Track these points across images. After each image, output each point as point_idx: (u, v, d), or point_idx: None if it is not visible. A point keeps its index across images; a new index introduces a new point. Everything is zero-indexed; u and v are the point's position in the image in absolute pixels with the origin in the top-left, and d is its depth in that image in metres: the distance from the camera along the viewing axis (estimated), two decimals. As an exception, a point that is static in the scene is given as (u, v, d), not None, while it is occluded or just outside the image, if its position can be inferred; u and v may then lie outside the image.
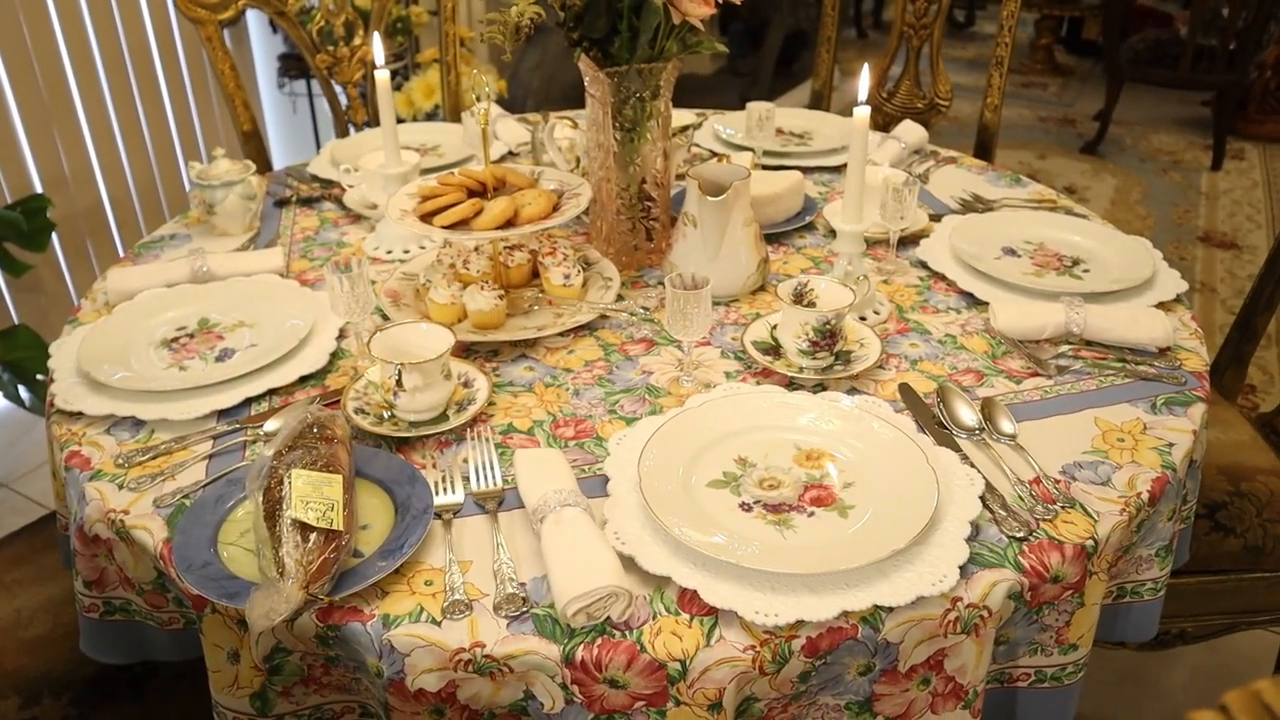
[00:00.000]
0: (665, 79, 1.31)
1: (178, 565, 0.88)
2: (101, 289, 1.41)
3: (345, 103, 2.18)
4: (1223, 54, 4.20)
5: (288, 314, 1.29)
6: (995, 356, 1.20)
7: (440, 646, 0.81)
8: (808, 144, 1.88)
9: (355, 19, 2.14)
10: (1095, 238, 1.45)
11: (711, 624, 0.82)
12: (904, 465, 0.96)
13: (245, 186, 1.56)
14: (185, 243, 1.57)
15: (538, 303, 1.29)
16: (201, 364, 1.21)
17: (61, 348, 1.25)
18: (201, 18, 1.95)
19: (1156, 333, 1.19)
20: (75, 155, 2.84)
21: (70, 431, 1.10)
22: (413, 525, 0.90)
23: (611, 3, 1.20)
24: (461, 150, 1.85)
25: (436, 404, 1.06)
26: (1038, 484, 0.97)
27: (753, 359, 1.17)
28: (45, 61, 2.69)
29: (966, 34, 6.76)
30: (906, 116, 2.27)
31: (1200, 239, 3.69)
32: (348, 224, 1.62)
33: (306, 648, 0.87)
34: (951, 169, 1.79)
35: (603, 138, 1.35)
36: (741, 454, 1.00)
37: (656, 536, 0.88)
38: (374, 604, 0.85)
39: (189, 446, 1.07)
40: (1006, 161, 4.34)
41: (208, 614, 0.89)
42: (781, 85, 5.06)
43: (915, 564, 0.85)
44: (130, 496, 1.00)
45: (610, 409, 1.11)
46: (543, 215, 1.22)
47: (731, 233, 1.30)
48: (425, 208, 1.24)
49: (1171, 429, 1.06)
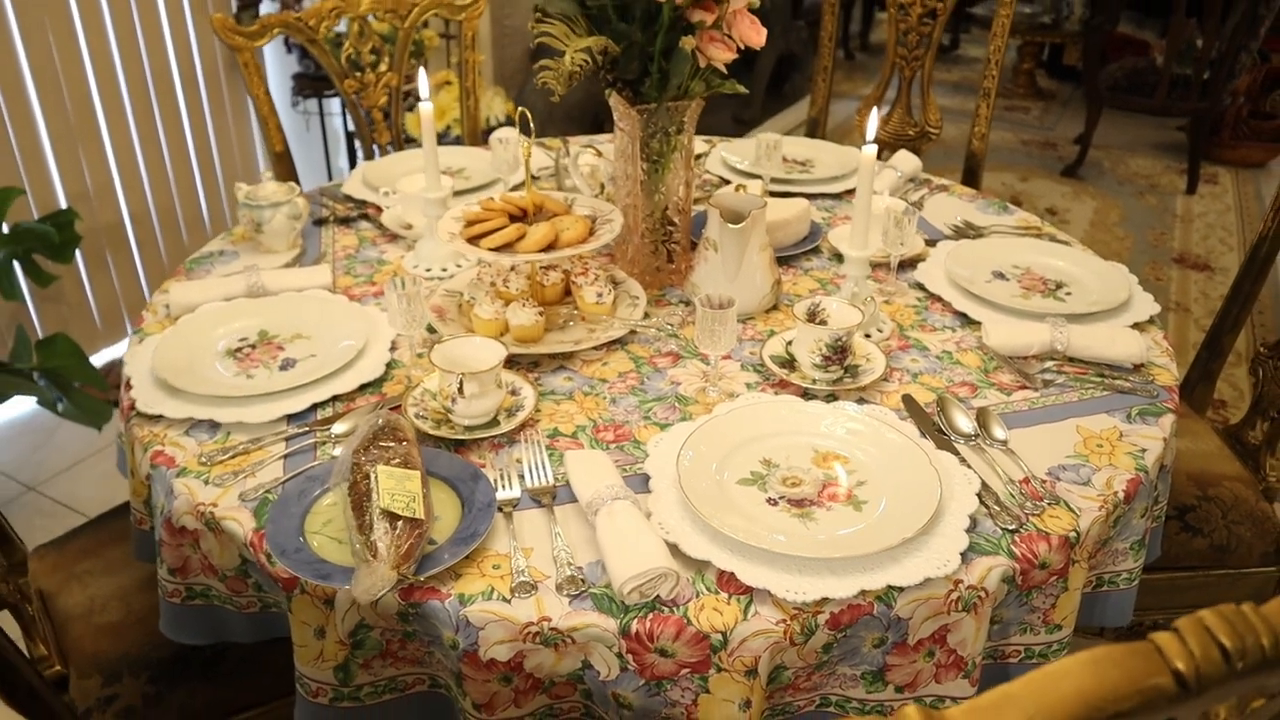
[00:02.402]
0: (689, 116, 1.44)
1: (272, 551, 0.99)
2: (162, 301, 1.52)
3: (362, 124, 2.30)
4: (1197, 82, 4.38)
5: (341, 326, 1.40)
6: (988, 371, 1.33)
7: (511, 621, 0.93)
8: (810, 171, 2.01)
9: (381, 46, 2.26)
10: (1076, 263, 1.59)
11: (747, 601, 0.94)
12: (909, 466, 1.08)
13: (291, 207, 1.68)
14: (233, 259, 1.68)
15: (572, 319, 1.41)
16: (267, 372, 1.32)
17: (135, 356, 1.36)
18: (239, 44, 2.07)
19: (1132, 351, 1.32)
20: (98, 172, 2.95)
21: (152, 433, 1.22)
22: (480, 516, 1.02)
23: (644, 48, 1.33)
24: (487, 174, 1.97)
25: (490, 410, 1.18)
26: (1027, 483, 1.10)
27: (771, 371, 1.30)
28: (73, 84, 2.80)
29: (951, 57, 6.94)
30: (899, 144, 2.42)
31: (1175, 260, 3.86)
32: (385, 243, 1.73)
33: (387, 624, 0.99)
34: (944, 197, 1.93)
35: (630, 168, 1.48)
36: (766, 456, 1.13)
37: (696, 526, 1.00)
38: (450, 585, 0.97)
39: (264, 447, 1.18)
40: (991, 183, 4.50)
41: (296, 594, 1.01)
42: (773, 106, 5.21)
43: (922, 551, 0.98)
44: (216, 491, 1.11)
45: (645, 415, 1.23)
46: (580, 240, 1.35)
47: (749, 256, 1.42)
48: (472, 231, 1.36)
49: (1144, 436, 1.19)
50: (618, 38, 1.33)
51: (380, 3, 2.23)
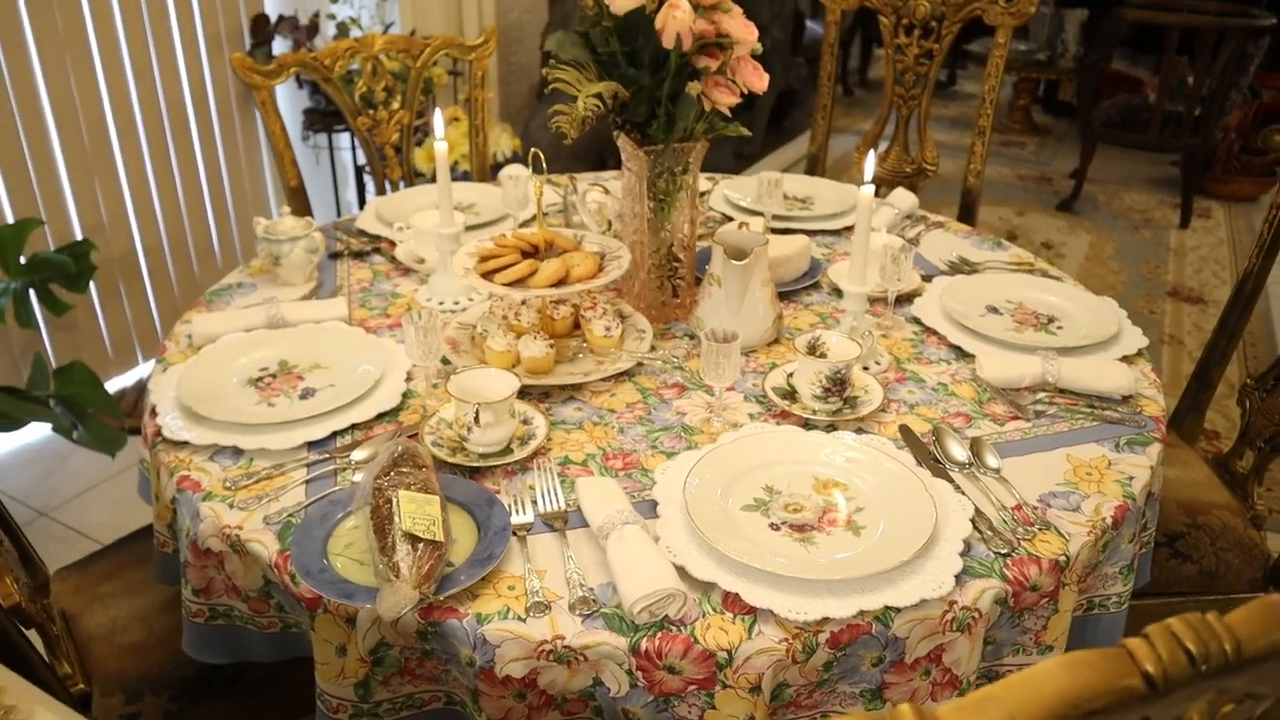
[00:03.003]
0: (694, 156, 1.50)
1: (298, 571, 1.04)
2: (184, 331, 1.58)
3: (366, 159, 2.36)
4: (1188, 118, 4.47)
5: (358, 357, 1.46)
6: (981, 402, 1.38)
7: (526, 639, 0.98)
8: (810, 208, 2.07)
9: (393, 84, 2.33)
10: (1068, 298, 1.65)
11: (751, 621, 0.99)
12: (906, 493, 1.13)
13: (309, 241, 1.73)
14: (251, 291, 1.74)
15: (582, 351, 1.46)
16: (287, 401, 1.37)
17: (159, 384, 1.41)
18: (257, 83, 2.14)
19: (1120, 382, 1.38)
20: (113, 204, 3.02)
21: (178, 458, 1.26)
22: (495, 540, 1.07)
23: (652, 93, 1.40)
24: (497, 210, 2.03)
25: (503, 438, 1.23)
26: (1019, 510, 1.15)
27: (773, 402, 1.35)
28: (90, 118, 2.87)
29: (948, 93, 7.05)
30: (897, 180, 2.48)
31: (1169, 294, 3.92)
32: (399, 276, 1.79)
33: (407, 642, 1.03)
34: (940, 233, 1.99)
35: (638, 206, 1.54)
36: (768, 483, 1.17)
37: (702, 550, 1.05)
38: (467, 604, 1.01)
39: (287, 472, 1.23)
40: (987, 218, 4.58)
41: (320, 613, 1.05)
42: (774, 142, 5.30)
43: (918, 573, 1.02)
44: (241, 515, 1.16)
45: (652, 444, 1.28)
46: (590, 275, 1.40)
47: (751, 292, 1.48)
48: (485, 266, 1.42)
49: (1132, 465, 1.24)
50: (627, 83, 1.39)
51: (393, 43, 2.30)
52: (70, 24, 2.76)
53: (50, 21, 2.72)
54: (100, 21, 2.84)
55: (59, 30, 2.75)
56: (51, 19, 2.72)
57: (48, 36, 2.72)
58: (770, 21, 4.99)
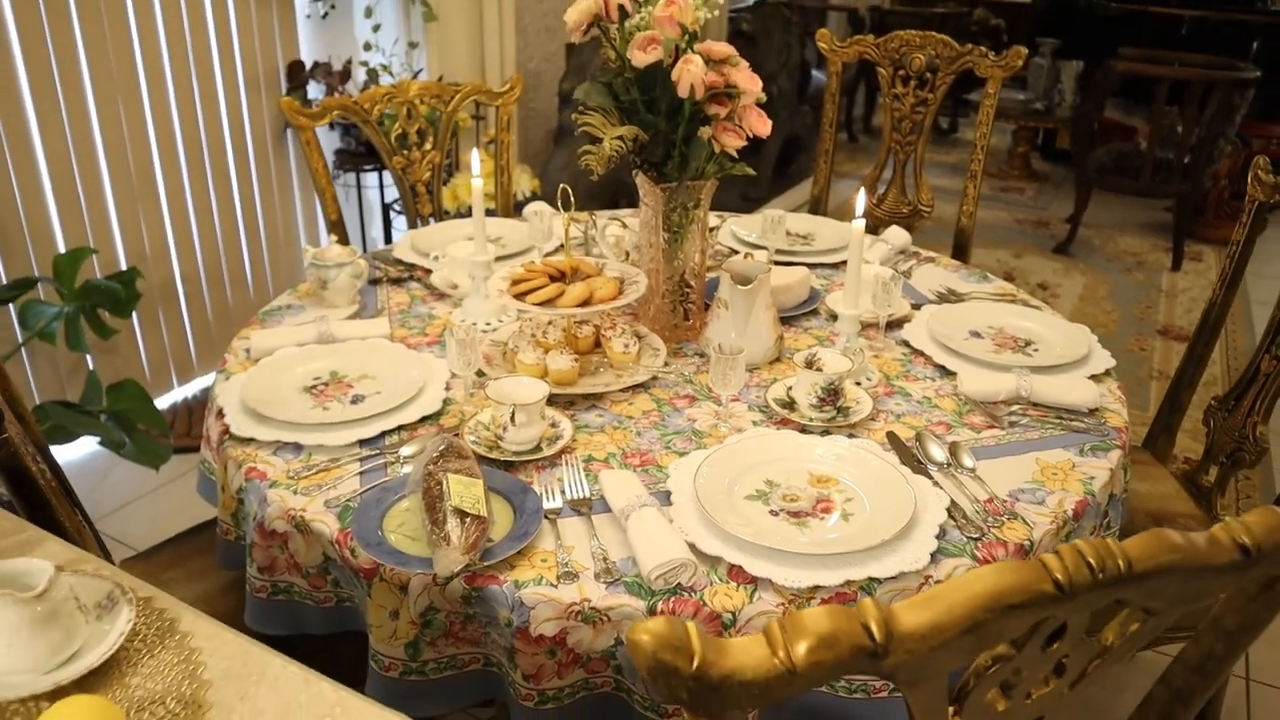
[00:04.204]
0: (705, 193, 1.67)
1: (358, 544, 1.20)
2: (242, 345, 1.75)
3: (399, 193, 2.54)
4: (1178, 166, 4.65)
5: (402, 368, 1.62)
6: (961, 414, 1.54)
7: (557, 601, 1.13)
8: (810, 244, 2.24)
9: (426, 128, 2.52)
10: (1044, 324, 1.81)
11: (753, 589, 1.14)
12: (889, 486, 1.29)
13: (354, 267, 1.91)
14: (299, 312, 1.90)
15: (602, 366, 1.62)
16: (340, 405, 1.53)
17: (223, 390, 1.57)
18: (303, 124, 2.33)
19: (1087, 397, 1.53)
20: (155, 235, 3.21)
21: (245, 453, 1.42)
22: (529, 520, 1.23)
23: (668, 136, 1.57)
24: (523, 242, 2.20)
25: (534, 438, 1.39)
26: (990, 503, 1.30)
27: (774, 411, 1.51)
28: (137, 155, 3.08)
29: (950, 140, 7.27)
30: (894, 221, 2.66)
31: (1159, 332, 4.08)
32: (434, 300, 1.96)
33: (452, 606, 1.19)
34: (931, 267, 2.15)
35: (654, 238, 1.71)
36: (769, 477, 1.33)
37: (710, 529, 1.20)
38: (505, 573, 1.16)
39: (342, 465, 1.39)
40: (985, 260, 4.75)
41: (376, 581, 1.20)
42: (779, 186, 5.50)
43: (898, 551, 1.18)
44: (304, 500, 1.32)
45: (666, 445, 1.44)
46: (611, 298, 1.57)
47: (756, 314, 1.64)
48: (517, 288, 1.59)
49: (1094, 467, 1.40)
50: (646, 127, 1.57)
51: (427, 89, 2.49)
52: (122, 68, 2.97)
53: (106, 66, 2.92)
54: (150, 65, 3.05)
55: (113, 73, 2.95)
56: (107, 64, 2.92)
57: (102, 79, 2.92)
58: (777, 71, 5.21)
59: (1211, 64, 4.71)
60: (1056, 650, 0.76)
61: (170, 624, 0.94)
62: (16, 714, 0.79)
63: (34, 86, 2.78)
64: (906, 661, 0.66)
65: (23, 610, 0.80)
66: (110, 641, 0.86)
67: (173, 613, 0.95)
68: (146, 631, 0.91)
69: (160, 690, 0.85)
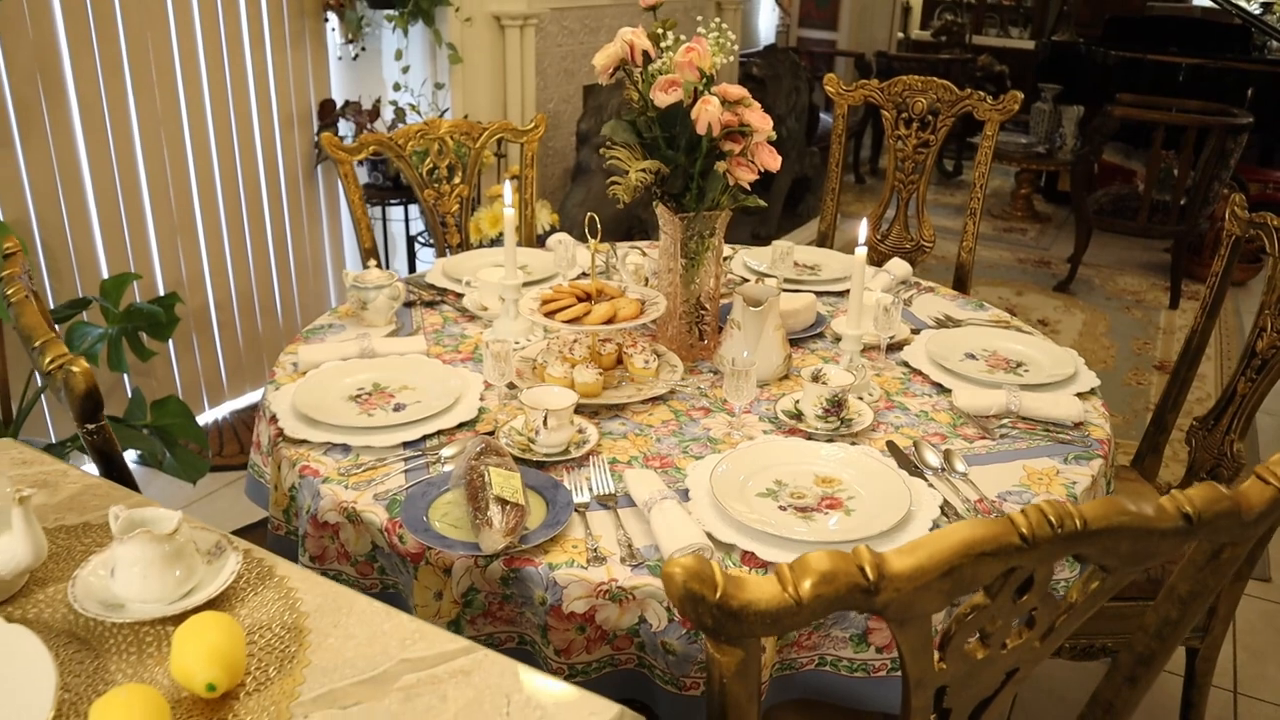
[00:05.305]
0: (720, 223, 1.82)
1: (407, 529, 1.32)
2: (290, 359, 1.88)
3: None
4: (1175, 207, 4.80)
5: (438, 380, 1.76)
6: (956, 426, 1.67)
7: (588, 581, 1.25)
8: (817, 274, 2.38)
9: (456, 163, 2.68)
10: (1035, 348, 1.94)
11: (764, 573, 1.26)
12: (887, 486, 1.41)
13: (392, 289, 2.05)
14: (340, 330, 2.05)
15: (625, 379, 1.76)
16: (384, 413, 1.67)
17: (275, 398, 1.71)
18: (342, 159, 2.49)
19: (1072, 411, 1.66)
20: (192, 263, 3.37)
21: (298, 453, 1.56)
22: (562, 511, 1.35)
23: (687, 170, 1.72)
24: (547, 269, 2.35)
25: (564, 441, 1.52)
26: (980, 502, 1.43)
27: (782, 421, 1.64)
28: (178, 188, 3.25)
29: (955, 182, 7.44)
30: (896, 254, 2.80)
31: (1156, 367, 4.20)
32: (465, 322, 2.10)
33: (491, 588, 1.31)
34: (930, 296, 2.29)
35: (672, 263, 1.85)
36: (778, 478, 1.46)
37: (725, 520, 1.33)
38: (540, 557, 1.29)
39: (388, 464, 1.52)
40: (988, 296, 4.89)
41: (422, 565, 1.33)
42: (788, 224, 5.67)
43: (896, 542, 1.29)
44: (354, 494, 1.45)
45: (684, 451, 1.57)
46: (634, 316, 1.71)
47: (766, 334, 1.78)
48: (547, 308, 1.73)
49: (1077, 473, 1.52)
50: (666, 161, 1.72)
51: (457, 127, 2.66)
52: (166, 105, 3.15)
53: (151, 104, 3.10)
54: (191, 102, 3.23)
55: (157, 110, 3.13)
56: (152, 102, 3.10)
57: (148, 116, 3.10)
58: (786, 113, 5.40)
59: (1206, 110, 4.88)
60: (1026, 602, 0.89)
61: (269, 569, 1.08)
62: (149, 633, 0.94)
63: (85, 121, 2.95)
64: (895, 599, 0.79)
65: (156, 546, 0.95)
66: (223, 578, 1.00)
67: (269, 561, 1.09)
68: (249, 575, 1.06)
69: (266, 619, 0.99)
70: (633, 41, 1.72)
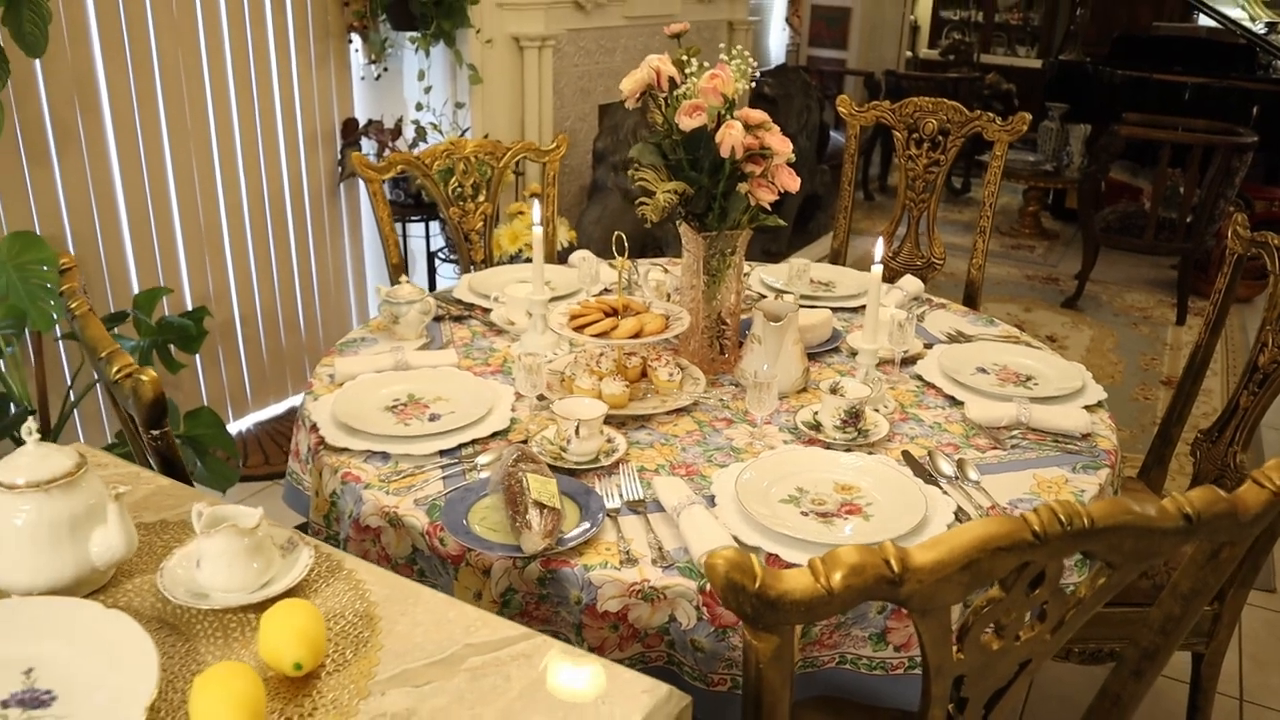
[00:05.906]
0: (740, 242, 1.89)
1: (449, 531, 1.40)
2: (326, 371, 1.96)
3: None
4: (1181, 225, 4.87)
5: (471, 392, 1.83)
6: (968, 436, 1.74)
7: (621, 581, 1.32)
8: (832, 290, 2.46)
9: (480, 181, 2.77)
10: (1044, 362, 2.01)
11: (787, 573, 1.33)
12: (904, 493, 1.48)
13: (423, 304, 2.13)
14: (373, 344, 2.12)
15: (650, 391, 1.83)
16: (419, 422, 1.74)
17: (314, 408, 1.78)
18: (371, 177, 2.57)
19: (1080, 423, 1.73)
20: (219, 279, 3.46)
21: (339, 460, 1.63)
22: (595, 515, 1.43)
23: (710, 190, 1.80)
24: (571, 285, 2.42)
25: (593, 450, 1.60)
26: (993, 509, 1.50)
27: (802, 431, 1.71)
28: (207, 205, 3.34)
29: (963, 199, 7.52)
30: (908, 271, 2.87)
31: (1163, 382, 4.26)
32: (493, 335, 2.18)
33: (528, 588, 1.38)
34: (942, 312, 2.36)
35: (694, 280, 1.92)
36: (799, 485, 1.53)
37: (750, 524, 1.40)
38: (575, 558, 1.36)
39: (426, 471, 1.60)
40: (996, 313, 4.93)
41: (462, 566, 1.40)
42: (799, 241, 5.75)
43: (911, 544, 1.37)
44: (396, 499, 1.52)
45: (708, 459, 1.64)
46: (659, 331, 1.78)
47: (785, 348, 1.85)
48: (576, 322, 1.80)
49: (1085, 482, 1.59)
50: (690, 182, 1.80)
51: (481, 146, 2.74)
52: (196, 124, 3.25)
53: (181, 123, 3.20)
54: (220, 121, 3.33)
55: (187, 129, 3.23)
56: (183, 121, 3.20)
57: (178, 135, 3.20)
58: (797, 132, 5.49)
59: (1212, 129, 4.95)
60: (1038, 595, 0.96)
61: (337, 564, 1.16)
62: (233, 620, 1.02)
63: (119, 141, 3.05)
64: (918, 590, 0.86)
65: (239, 540, 1.03)
66: (298, 570, 1.09)
67: (337, 556, 1.18)
68: (319, 568, 1.14)
69: (339, 607, 1.07)
70: (659, 68, 1.80)
